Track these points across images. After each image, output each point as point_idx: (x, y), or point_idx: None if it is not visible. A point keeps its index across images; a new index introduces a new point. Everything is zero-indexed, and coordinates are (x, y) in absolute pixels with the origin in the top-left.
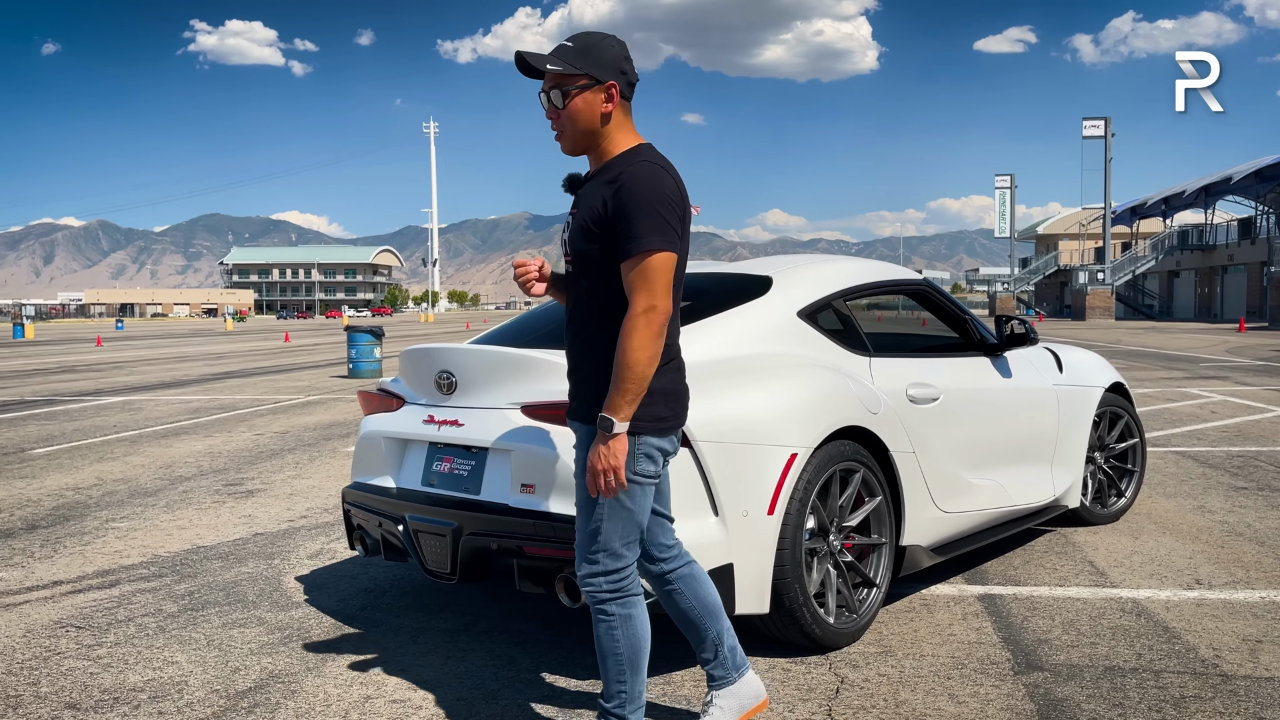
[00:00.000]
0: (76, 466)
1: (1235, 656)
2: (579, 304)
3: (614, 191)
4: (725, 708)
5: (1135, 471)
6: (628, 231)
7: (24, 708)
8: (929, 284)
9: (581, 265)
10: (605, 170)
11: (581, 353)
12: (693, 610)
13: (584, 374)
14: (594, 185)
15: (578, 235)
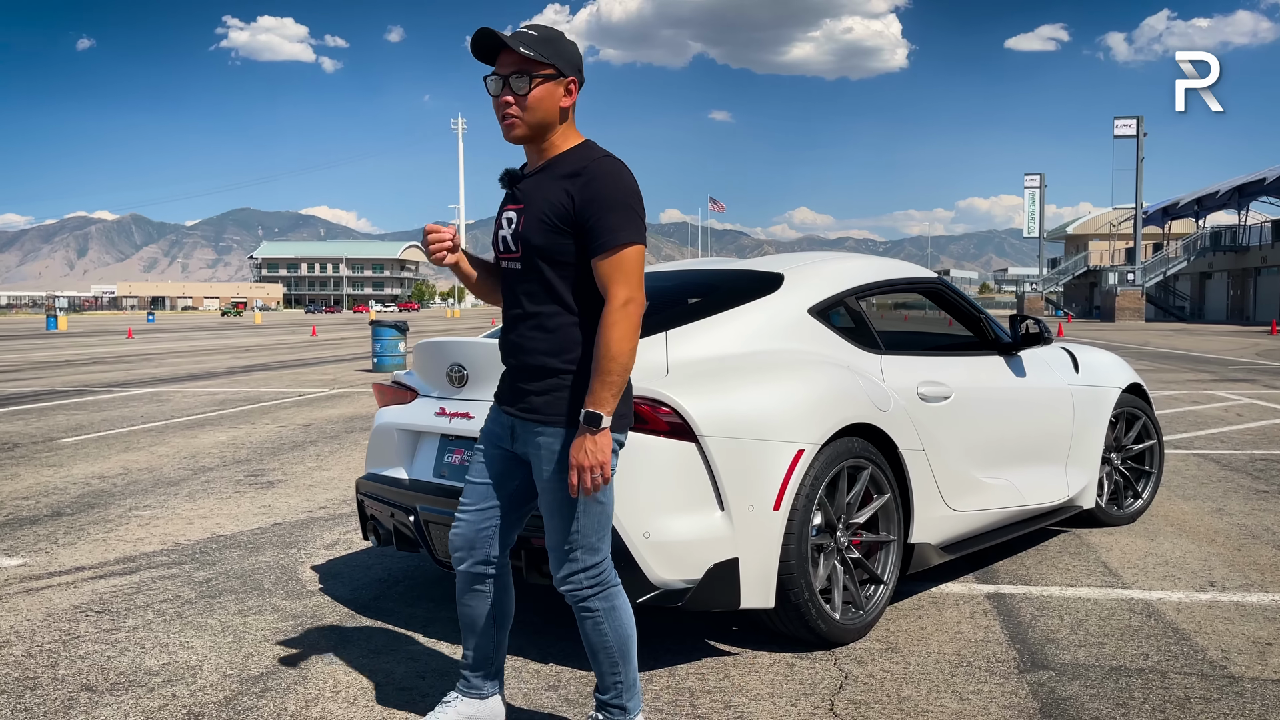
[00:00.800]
0: (103, 456)
1: (1244, 659)
2: (532, 297)
3: (581, 186)
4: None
5: (1153, 473)
6: (602, 226)
7: (41, 689)
8: (943, 282)
9: (541, 260)
10: (557, 165)
11: (542, 344)
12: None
13: (543, 369)
14: (548, 180)
15: (536, 231)
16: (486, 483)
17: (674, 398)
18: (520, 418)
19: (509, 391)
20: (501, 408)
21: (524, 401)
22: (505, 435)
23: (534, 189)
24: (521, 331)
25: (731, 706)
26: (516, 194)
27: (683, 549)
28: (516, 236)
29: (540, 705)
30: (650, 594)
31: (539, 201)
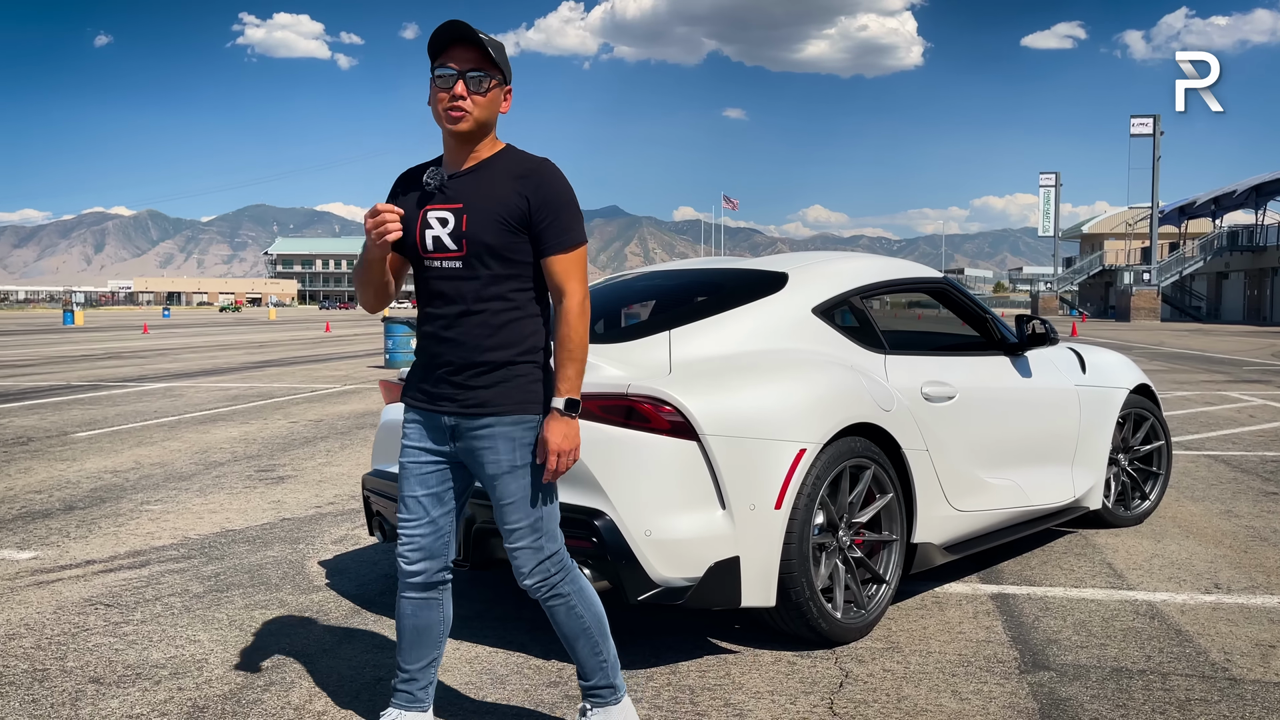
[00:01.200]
0: (116, 450)
1: (1246, 661)
2: (477, 295)
3: (535, 187)
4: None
5: (1160, 474)
6: (558, 226)
7: (49, 681)
8: (949, 282)
9: (491, 258)
10: (496, 166)
11: (487, 339)
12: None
13: (489, 363)
14: (491, 181)
15: (489, 230)
16: (431, 493)
17: (676, 396)
18: (466, 414)
19: (445, 392)
20: (434, 411)
21: (470, 396)
22: (442, 438)
23: (473, 189)
24: (465, 328)
25: (731, 704)
26: (445, 194)
27: (684, 547)
28: (459, 235)
29: (541, 702)
30: (651, 591)
31: (488, 201)
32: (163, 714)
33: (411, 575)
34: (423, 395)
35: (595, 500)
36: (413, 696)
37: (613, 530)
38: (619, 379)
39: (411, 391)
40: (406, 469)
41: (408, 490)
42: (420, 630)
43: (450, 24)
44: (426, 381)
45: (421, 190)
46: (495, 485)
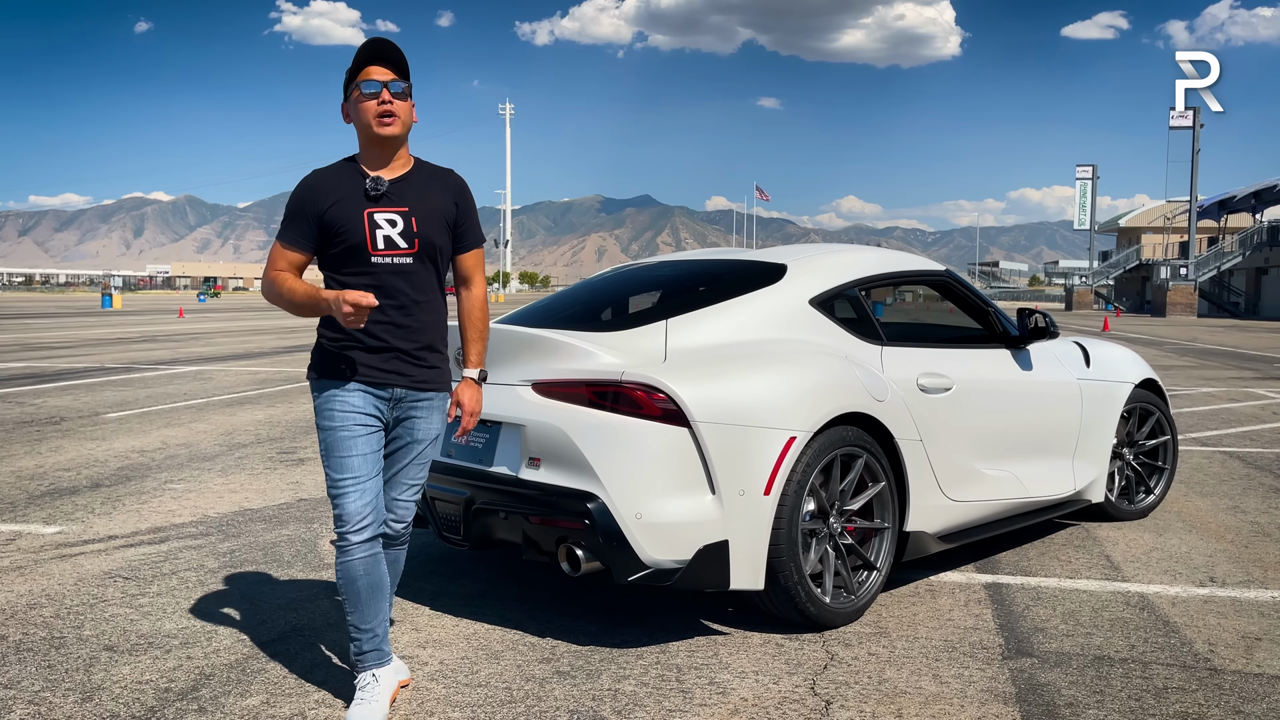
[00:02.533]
0: (144, 431)
1: (1230, 652)
2: (425, 288)
3: (457, 193)
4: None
5: (1165, 469)
6: (473, 227)
7: (66, 648)
8: (951, 275)
9: (432, 255)
10: (422, 174)
11: (435, 327)
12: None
13: (435, 346)
14: (423, 186)
15: (436, 230)
16: (368, 454)
17: (669, 384)
18: (414, 389)
19: (396, 368)
20: (384, 385)
21: (420, 373)
22: (383, 408)
23: (412, 193)
24: (417, 317)
25: (716, 683)
26: (390, 198)
27: (673, 530)
28: (410, 234)
29: (532, 676)
30: (641, 573)
31: (431, 205)
32: (171, 680)
33: (357, 530)
34: (372, 371)
35: (588, 484)
36: (381, 652)
37: (604, 513)
38: (614, 366)
39: (350, 368)
40: (354, 433)
41: (358, 451)
42: (374, 586)
43: (374, 41)
44: (374, 362)
45: (355, 193)
46: (418, 447)
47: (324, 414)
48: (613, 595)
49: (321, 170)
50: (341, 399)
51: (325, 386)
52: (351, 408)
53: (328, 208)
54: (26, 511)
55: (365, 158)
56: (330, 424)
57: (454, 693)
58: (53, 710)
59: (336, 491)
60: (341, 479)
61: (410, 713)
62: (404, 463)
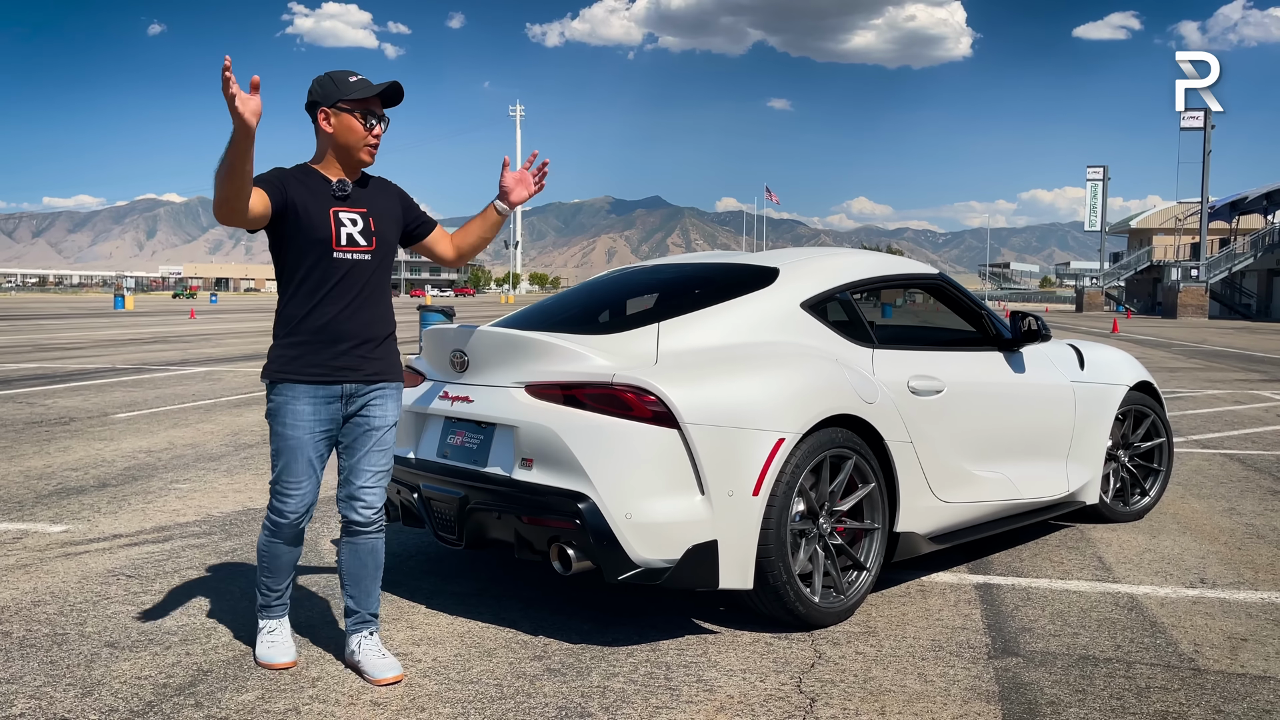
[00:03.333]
0: (152, 431)
1: (1215, 653)
2: (379, 283)
3: (402, 196)
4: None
5: (1161, 471)
6: (422, 215)
7: (68, 644)
8: (944, 278)
9: (388, 252)
10: (372, 183)
11: (386, 320)
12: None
13: (386, 337)
14: (376, 193)
15: (392, 229)
16: (315, 460)
17: (659, 386)
18: (369, 381)
19: (347, 363)
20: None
21: (371, 365)
22: (336, 407)
23: (370, 200)
24: (375, 312)
25: (703, 680)
26: (351, 199)
27: (663, 530)
28: (370, 233)
29: (523, 674)
30: (631, 572)
31: (382, 207)
32: (169, 676)
33: (295, 524)
34: (320, 370)
35: (579, 484)
36: (286, 606)
37: (595, 513)
38: (605, 368)
39: (302, 368)
40: (303, 441)
41: (306, 457)
42: (292, 561)
43: (396, 84)
44: (324, 356)
45: (324, 192)
46: (376, 434)
47: (278, 419)
48: (606, 594)
49: (282, 169)
50: (295, 408)
51: (280, 391)
52: (305, 417)
53: (299, 197)
54: (34, 510)
55: (331, 167)
56: (283, 429)
57: (445, 689)
58: (53, 705)
59: (281, 490)
60: (289, 483)
61: (401, 709)
62: (364, 450)
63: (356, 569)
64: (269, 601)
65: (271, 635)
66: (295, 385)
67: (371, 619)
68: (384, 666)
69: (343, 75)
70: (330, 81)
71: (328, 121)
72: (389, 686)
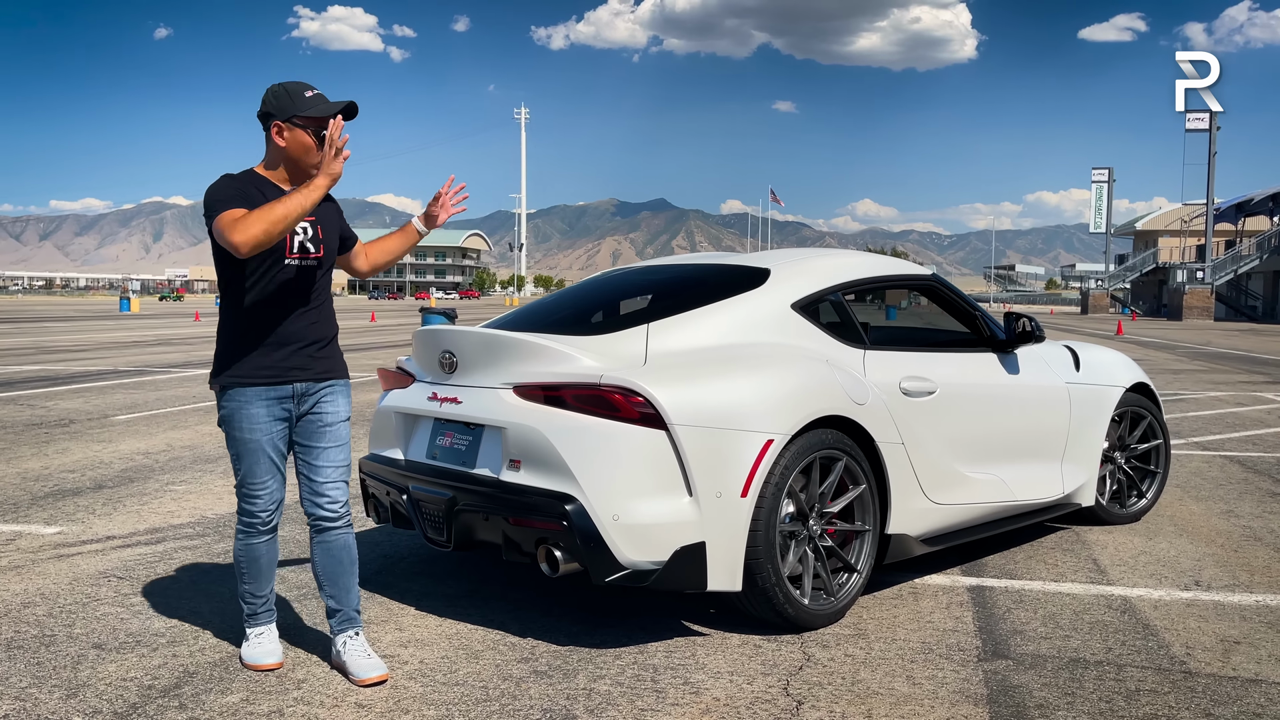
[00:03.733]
0: (150, 433)
1: (1207, 655)
2: (325, 287)
3: (338, 208)
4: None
5: (1158, 473)
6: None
7: (55, 645)
8: (938, 279)
9: (330, 258)
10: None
11: (332, 322)
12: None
13: (333, 338)
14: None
15: (332, 236)
16: (275, 459)
17: (646, 387)
18: (318, 380)
19: (297, 364)
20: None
21: (320, 364)
22: (287, 405)
23: (319, 210)
24: (323, 313)
25: (690, 682)
26: None
27: (650, 531)
28: (318, 240)
29: (509, 676)
30: (619, 573)
31: (326, 216)
32: (155, 678)
33: (266, 523)
34: (271, 371)
35: (566, 485)
36: (272, 613)
37: (582, 515)
38: (593, 369)
39: (252, 371)
40: (261, 442)
41: (266, 456)
42: (272, 562)
43: (352, 104)
44: (275, 359)
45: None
46: (331, 431)
47: (233, 424)
48: (597, 596)
49: (233, 175)
50: (249, 412)
51: (233, 397)
52: (263, 418)
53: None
54: (29, 512)
55: (282, 177)
56: (240, 434)
57: (431, 691)
58: (38, 706)
59: (248, 492)
60: (255, 483)
61: (386, 710)
62: (321, 446)
63: (332, 567)
64: (255, 609)
65: (259, 639)
66: (246, 389)
67: (355, 616)
68: (368, 667)
69: (298, 89)
70: (285, 94)
71: (280, 135)
72: (374, 687)
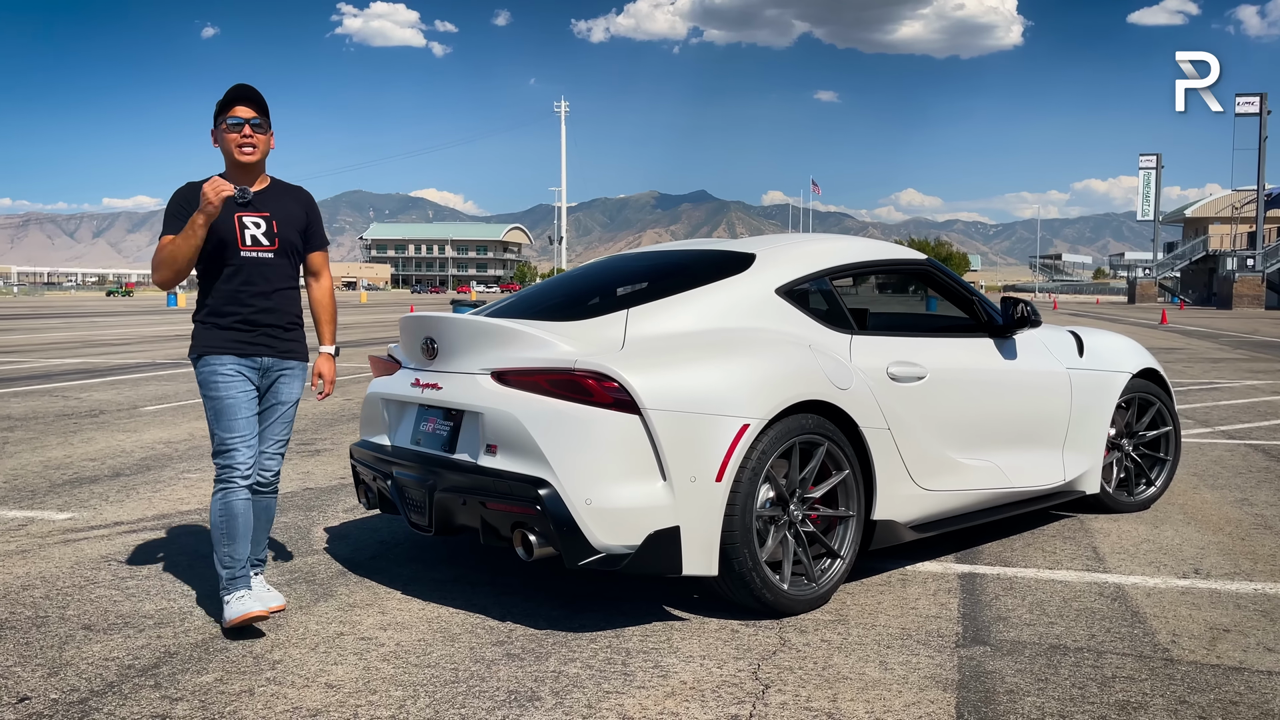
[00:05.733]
0: (175, 423)
1: (1192, 643)
2: (284, 277)
3: (306, 206)
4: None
5: (1167, 460)
6: (320, 231)
7: (47, 626)
8: (933, 264)
9: (290, 251)
10: (277, 190)
11: (293, 308)
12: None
13: (294, 323)
14: (280, 199)
15: (291, 231)
16: (250, 416)
17: (619, 372)
18: (281, 358)
19: (263, 342)
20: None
21: (283, 345)
22: (255, 376)
23: (272, 203)
24: (279, 300)
25: (660, 666)
26: (254, 205)
27: (623, 516)
28: (271, 234)
29: (481, 659)
30: (592, 557)
31: (285, 213)
32: (136, 657)
33: (244, 479)
34: (240, 346)
35: (540, 470)
36: (248, 578)
37: (555, 499)
38: (568, 355)
39: (225, 344)
40: (238, 399)
41: (243, 413)
42: (248, 521)
43: (238, 86)
44: (243, 338)
45: (227, 201)
46: (282, 408)
47: (210, 385)
48: (582, 582)
49: (194, 183)
50: (223, 371)
51: (208, 362)
52: (232, 376)
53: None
54: (44, 499)
55: (231, 177)
56: (217, 394)
57: (401, 673)
58: (18, 684)
59: (227, 448)
60: (231, 438)
61: (354, 690)
62: (270, 421)
63: (254, 522)
64: (234, 573)
65: (240, 601)
66: (222, 355)
67: (260, 562)
68: (269, 598)
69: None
70: (217, 107)
71: (216, 141)
72: (272, 616)
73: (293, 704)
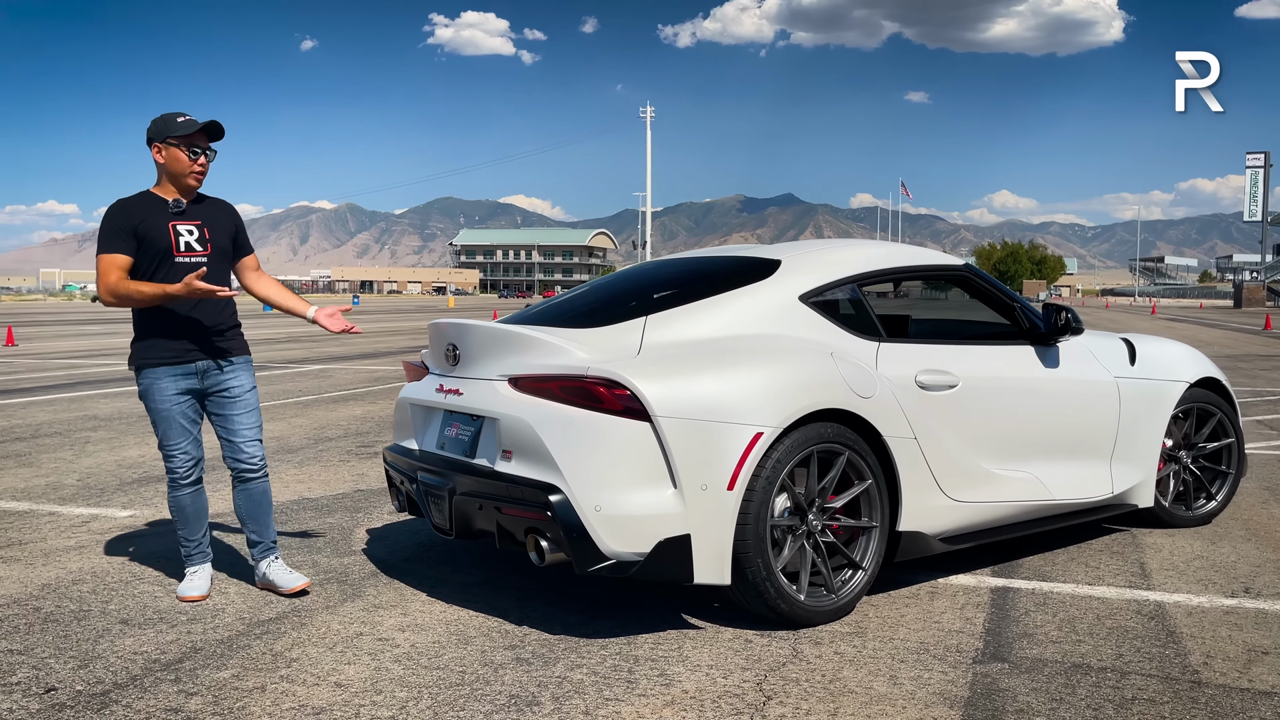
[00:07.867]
0: None
1: (1225, 665)
2: (217, 280)
3: (233, 214)
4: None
5: (1230, 473)
6: (246, 239)
7: (88, 619)
8: (971, 269)
9: (220, 255)
10: (209, 202)
11: (227, 308)
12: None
13: (230, 323)
14: (211, 211)
15: (224, 239)
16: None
17: (631, 379)
18: (221, 359)
19: (197, 345)
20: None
21: (223, 345)
22: (194, 381)
23: (205, 214)
24: (216, 305)
25: (666, 674)
26: (186, 215)
27: (632, 523)
28: (204, 240)
29: (490, 662)
30: (602, 564)
31: (215, 221)
32: (163, 652)
33: (186, 477)
34: (172, 353)
35: (551, 476)
36: (205, 554)
37: (565, 505)
38: (581, 362)
39: (159, 354)
40: (171, 411)
41: (178, 422)
42: (199, 511)
43: (212, 122)
44: (176, 342)
45: (160, 211)
46: (240, 400)
47: (148, 396)
48: (603, 587)
49: (126, 199)
50: (159, 385)
51: (145, 375)
52: (168, 389)
53: (138, 223)
54: (111, 497)
55: (167, 190)
56: (153, 405)
57: (410, 674)
58: (49, 674)
59: (168, 454)
60: (171, 445)
61: (361, 689)
62: (234, 413)
63: (253, 509)
64: (190, 551)
65: (192, 575)
66: (156, 369)
67: (273, 545)
68: (292, 579)
69: (172, 116)
70: (162, 121)
71: (160, 154)
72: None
73: (299, 702)
